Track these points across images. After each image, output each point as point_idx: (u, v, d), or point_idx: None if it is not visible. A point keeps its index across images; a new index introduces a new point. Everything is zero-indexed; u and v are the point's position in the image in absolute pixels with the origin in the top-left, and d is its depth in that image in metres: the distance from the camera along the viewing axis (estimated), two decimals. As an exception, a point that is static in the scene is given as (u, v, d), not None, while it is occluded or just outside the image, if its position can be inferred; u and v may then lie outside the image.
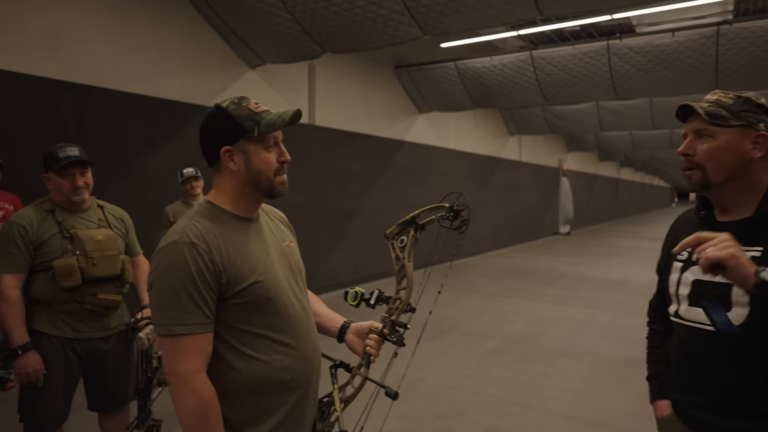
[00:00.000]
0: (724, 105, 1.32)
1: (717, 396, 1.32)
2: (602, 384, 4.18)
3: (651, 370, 1.62)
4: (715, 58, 6.89)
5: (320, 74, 7.46)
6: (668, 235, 1.59)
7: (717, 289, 1.30)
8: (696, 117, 1.35)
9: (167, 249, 1.24)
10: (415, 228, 1.66)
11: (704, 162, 1.33)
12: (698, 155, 1.34)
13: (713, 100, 1.35)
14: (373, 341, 1.56)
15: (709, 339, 1.32)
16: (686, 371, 1.41)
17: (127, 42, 5.03)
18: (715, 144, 1.31)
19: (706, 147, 1.32)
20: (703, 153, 1.33)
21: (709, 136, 1.32)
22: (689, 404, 1.40)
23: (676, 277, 1.44)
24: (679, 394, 1.44)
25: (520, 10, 4.71)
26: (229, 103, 1.34)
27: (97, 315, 2.30)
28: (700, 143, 1.34)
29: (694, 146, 1.35)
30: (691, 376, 1.39)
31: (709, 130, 1.32)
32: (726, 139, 1.30)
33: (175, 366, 1.22)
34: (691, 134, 1.36)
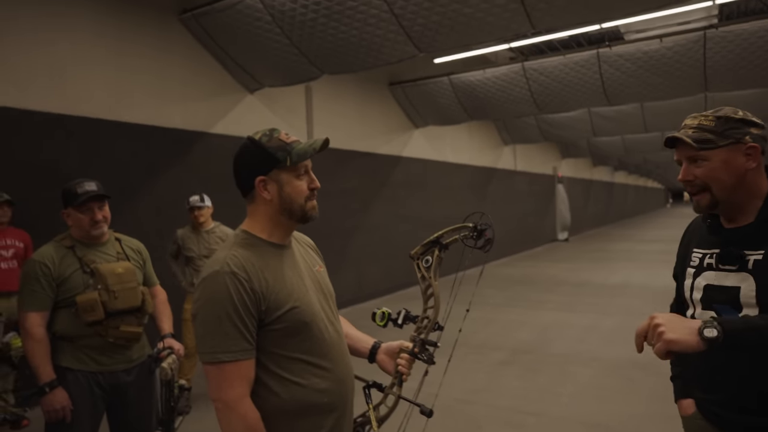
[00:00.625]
0: (707, 128, 1.38)
1: (735, 393, 1.37)
2: (613, 388, 4.20)
3: (674, 371, 1.69)
4: (703, 62, 7.03)
5: (317, 95, 7.55)
6: (682, 241, 1.65)
7: (726, 293, 1.37)
8: (685, 145, 1.40)
9: (209, 279, 1.29)
10: (440, 248, 1.71)
11: (708, 183, 1.38)
12: (698, 179, 1.39)
13: (695, 125, 1.40)
14: (404, 360, 1.60)
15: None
16: (708, 373, 1.46)
17: (127, 72, 5.09)
18: (711, 166, 1.37)
19: (704, 170, 1.38)
20: (703, 176, 1.39)
21: (703, 160, 1.38)
22: (711, 402, 1.45)
23: (689, 283, 1.50)
24: (701, 393, 1.50)
25: (514, 24, 4.82)
26: (262, 135, 1.40)
27: (120, 347, 2.32)
28: (696, 168, 1.40)
29: (692, 172, 1.40)
30: (712, 377, 1.44)
31: (701, 155, 1.38)
32: (719, 159, 1.36)
33: (222, 392, 1.26)
34: (686, 161, 1.42)
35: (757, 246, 1.35)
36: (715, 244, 1.45)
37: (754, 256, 1.34)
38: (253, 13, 5.10)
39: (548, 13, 4.62)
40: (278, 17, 5.09)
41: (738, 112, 1.40)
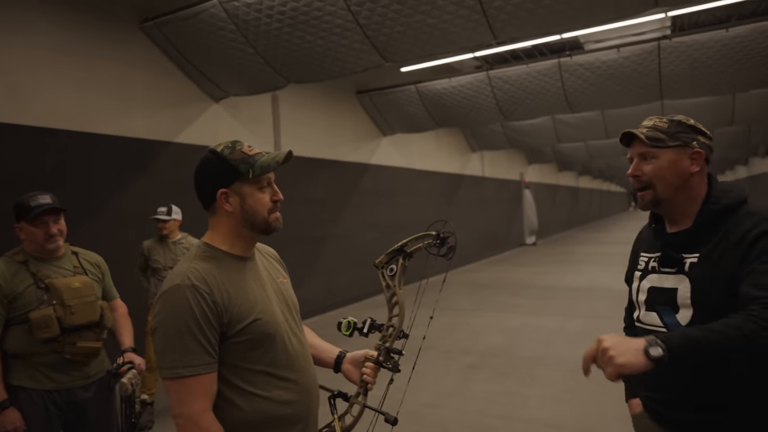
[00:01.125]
0: (660, 129, 1.47)
1: (677, 392, 1.44)
2: (579, 391, 4.30)
3: None
4: (658, 71, 7.32)
5: (283, 103, 7.52)
6: (633, 247, 1.73)
7: (666, 295, 1.45)
8: (638, 142, 1.49)
9: (170, 293, 1.28)
10: (404, 256, 1.73)
11: (653, 181, 1.47)
12: (646, 175, 1.48)
13: (650, 125, 1.50)
14: (369, 369, 1.60)
15: None
16: (650, 372, 1.49)
17: (88, 82, 4.97)
18: (658, 164, 1.46)
19: (652, 167, 1.47)
20: (650, 173, 1.48)
21: (652, 158, 1.47)
22: (654, 401, 1.52)
23: (636, 285, 1.58)
24: (646, 392, 1.57)
25: (476, 35, 4.91)
26: (224, 148, 1.40)
27: (77, 363, 2.25)
28: (645, 165, 1.48)
29: (641, 168, 1.49)
30: (653, 375, 1.47)
31: (651, 152, 1.47)
32: (667, 158, 1.46)
33: (183, 407, 1.24)
34: (636, 158, 1.51)
35: (693, 249, 1.43)
36: (659, 248, 1.53)
37: (690, 258, 1.42)
38: (217, 22, 5.05)
39: (509, 24, 4.73)
40: (242, 26, 5.06)
41: (690, 120, 1.50)
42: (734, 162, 24.35)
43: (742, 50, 6.67)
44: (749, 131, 13.60)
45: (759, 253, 1.29)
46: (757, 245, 1.30)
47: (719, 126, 11.14)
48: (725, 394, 1.36)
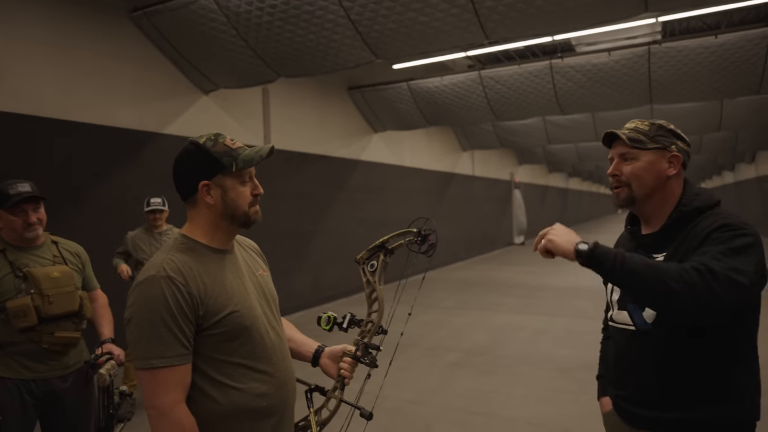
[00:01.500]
0: (641, 131, 1.52)
1: (640, 390, 1.49)
2: (562, 390, 4.33)
3: (599, 371, 1.82)
4: (648, 75, 7.38)
5: (274, 98, 7.48)
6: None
7: None
8: (620, 142, 1.53)
9: (145, 284, 1.27)
10: (385, 253, 1.73)
11: (630, 180, 1.51)
12: (624, 175, 1.52)
13: (632, 127, 1.54)
14: (346, 364, 1.61)
15: (632, 338, 1.50)
16: (617, 368, 1.59)
17: (74, 71, 4.91)
18: (637, 164, 1.50)
19: (630, 167, 1.51)
20: (629, 173, 1.52)
21: (632, 158, 1.51)
22: (620, 398, 1.56)
23: (610, 286, 1.63)
24: (614, 389, 1.61)
25: (468, 34, 4.92)
26: (206, 140, 1.39)
27: (55, 353, 2.23)
28: (625, 165, 1.52)
29: (621, 168, 1.53)
30: (621, 373, 1.57)
31: (632, 153, 1.51)
32: (646, 160, 1.50)
33: (156, 399, 1.24)
34: (617, 158, 1.55)
35: (662, 249, 1.47)
36: (632, 250, 1.56)
37: (658, 257, 1.46)
38: (207, 13, 5.01)
39: (501, 24, 4.74)
40: (233, 18, 5.02)
41: (670, 125, 1.54)
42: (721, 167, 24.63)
43: (730, 57, 6.75)
44: (736, 138, 13.76)
45: (708, 240, 1.34)
46: (710, 235, 1.35)
47: (707, 132, 11.26)
48: (683, 392, 1.40)
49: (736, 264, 1.25)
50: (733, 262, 1.25)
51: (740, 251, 1.28)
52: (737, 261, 1.26)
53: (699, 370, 1.38)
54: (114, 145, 5.25)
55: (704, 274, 1.23)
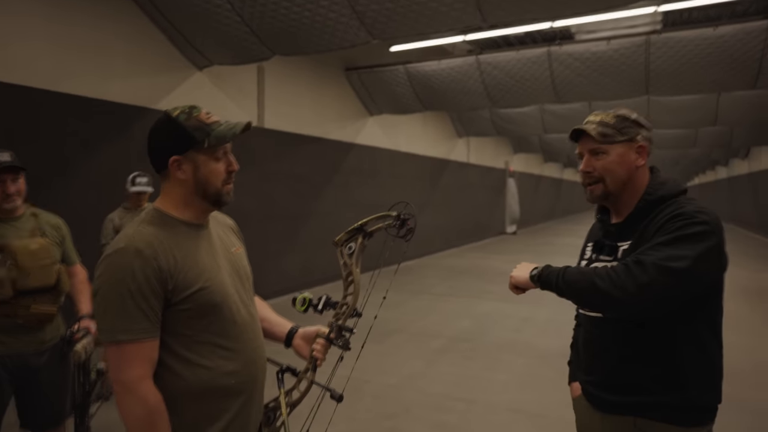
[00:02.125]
0: (608, 124, 1.50)
1: (607, 375, 1.51)
2: (543, 377, 4.37)
3: (570, 357, 1.84)
4: (646, 65, 7.33)
5: (269, 76, 7.39)
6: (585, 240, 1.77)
7: None
8: (588, 138, 1.51)
9: (114, 256, 1.25)
10: (364, 235, 1.71)
11: (603, 175, 1.51)
12: (597, 170, 1.51)
13: (598, 120, 1.52)
14: (319, 345, 1.60)
15: (599, 325, 1.53)
16: (586, 354, 1.61)
17: (65, 42, 4.81)
18: (609, 159, 1.50)
19: (603, 163, 1.50)
20: (601, 168, 1.51)
21: (602, 153, 1.50)
22: (588, 383, 1.59)
23: None
24: (583, 375, 1.63)
25: (465, 16, 4.85)
26: (180, 113, 1.36)
27: (30, 329, 2.21)
28: (596, 160, 1.51)
29: (592, 164, 1.52)
30: (589, 358, 1.59)
31: (602, 148, 1.50)
32: (616, 153, 1.49)
33: (121, 373, 1.22)
34: (587, 153, 1.53)
35: (627, 237, 1.48)
36: (600, 239, 1.58)
37: (624, 246, 1.47)
38: (201, -14, 4.91)
39: (499, 7, 4.68)
40: (227, -7, 4.92)
41: (633, 114, 1.53)
42: (715, 162, 24.69)
43: (728, 50, 6.70)
44: (731, 133, 13.76)
45: (659, 230, 1.36)
46: (663, 226, 1.36)
47: (703, 125, 11.24)
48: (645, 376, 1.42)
49: (674, 252, 1.28)
50: (671, 251, 1.28)
51: (685, 239, 1.30)
52: (677, 248, 1.28)
53: (659, 355, 1.41)
54: (105, 119, 5.17)
55: (630, 267, 1.29)
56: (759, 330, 5.87)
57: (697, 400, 1.39)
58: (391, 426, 3.49)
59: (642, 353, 1.42)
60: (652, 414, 1.41)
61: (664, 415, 1.39)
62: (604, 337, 1.51)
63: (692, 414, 1.40)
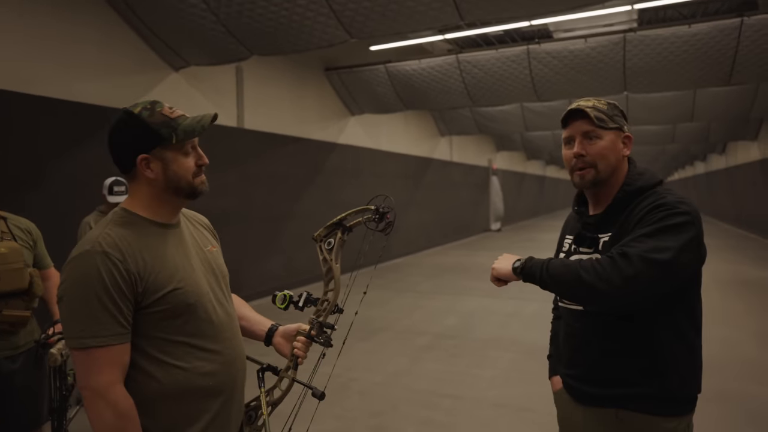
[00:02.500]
0: (601, 110, 1.48)
1: (589, 368, 1.50)
2: (529, 372, 4.40)
3: (550, 350, 1.83)
4: (623, 63, 7.43)
5: (248, 77, 7.33)
6: (561, 232, 1.78)
7: None
8: (583, 120, 1.47)
9: (78, 259, 1.21)
10: (343, 230, 1.69)
11: (596, 160, 1.47)
12: (590, 155, 1.47)
13: (591, 105, 1.48)
14: (300, 343, 1.57)
15: (581, 318, 1.51)
16: (567, 347, 1.60)
17: (35, 42, 4.71)
18: (602, 144, 1.46)
19: (596, 147, 1.47)
20: (595, 152, 1.47)
21: (596, 137, 1.47)
22: (570, 377, 1.58)
23: None
24: (564, 369, 1.62)
25: (443, 15, 4.86)
26: (142, 109, 1.31)
27: (3, 333, 2.16)
28: (589, 144, 1.47)
29: (585, 147, 1.48)
30: (570, 352, 1.58)
31: (596, 132, 1.47)
32: (609, 139, 1.47)
33: (90, 379, 1.18)
34: (579, 136, 1.48)
35: (607, 228, 1.47)
36: (579, 230, 1.56)
37: (604, 237, 1.46)
38: (176, -15, 4.85)
39: (476, 5, 4.70)
40: (203, -8, 4.87)
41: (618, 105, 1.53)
42: (693, 158, 25.16)
43: (703, 47, 6.83)
44: (708, 128, 14.03)
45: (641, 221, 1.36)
46: (644, 217, 1.36)
47: (680, 121, 11.45)
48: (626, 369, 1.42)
49: (658, 243, 1.27)
50: (655, 242, 1.28)
51: (667, 230, 1.30)
52: (661, 240, 1.28)
53: (640, 347, 1.41)
54: (77, 121, 5.07)
55: (615, 259, 1.28)
56: (738, 322, 5.98)
57: (678, 390, 1.40)
58: (377, 423, 3.48)
59: (623, 346, 1.42)
60: (634, 405, 1.41)
61: (645, 406, 1.40)
62: (585, 330, 1.50)
63: (673, 404, 1.41)
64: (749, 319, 6.13)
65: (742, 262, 10.66)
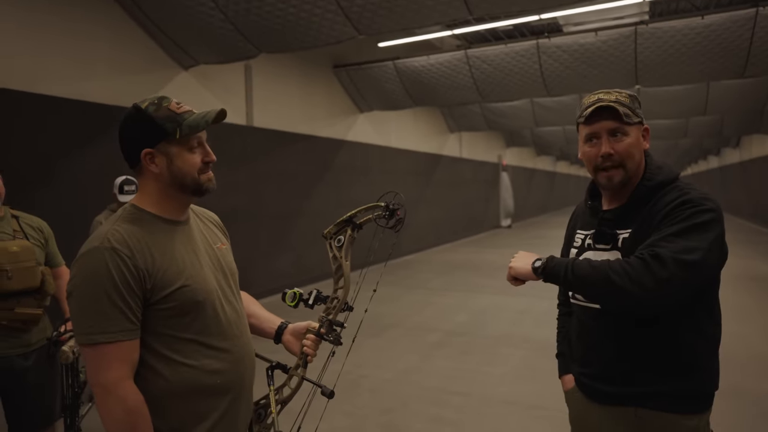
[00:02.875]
0: (625, 104, 1.40)
1: (605, 367, 1.47)
2: (540, 369, 4.37)
3: (559, 349, 1.78)
4: (635, 56, 7.33)
5: (257, 75, 7.34)
6: (568, 225, 1.73)
7: None
8: (609, 116, 1.39)
9: (88, 255, 1.21)
10: (353, 227, 1.68)
11: (625, 159, 1.40)
12: (618, 153, 1.40)
13: (614, 99, 1.41)
14: (310, 341, 1.57)
15: (597, 317, 1.47)
16: (581, 345, 1.56)
17: (45, 41, 4.74)
18: (629, 141, 1.40)
19: (623, 145, 1.40)
20: (623, 150, 1.39)
21: (622, 134, 1.40)
22: (584, 375, 1.54)
23: None
24: (577, 367, 1.59)
25: (452, 10, 4.83)
26: (149, 104, 1.31)
27: (15, 331, 2.17)
28: (616, 142, 1.40)
29: (612, 146, 1.40)
30: (584, 350, 1.54)
31: (623, 129, 1.40)
32: (635, 135, 1.41)
33: (99, 375, 1.18)
34: (606, 134, 1.41)
35: (626, 225, 1.42)
36: (594, 225, 1.52)
37: (623, 234, 1.42)
38: (185, -16, 4.86)
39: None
40: (211, -10, 4.87)
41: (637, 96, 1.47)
42: (707, 152, 24.84)
43: (716, 39, 6.71)
44: (722, 122, 13.83)
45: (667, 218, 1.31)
46: (670, 213, 1.31)
47: (693, 115, 11.29)
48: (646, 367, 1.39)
49: (688, 243, 1.23)
50: (686, 242, 1.24)
51: (696, 228, 1.26)
52: (691, 239, 1.24)
53: (660, 345, 1.38)
54: (87, 121, 5.10)
55: (648, 261, 1.23)
56: (753, 317, 5.90)
57: (698, 387, 1.38)
58: (388, 420, 3.47)
59: (643, 343, 1.39)
60: (654, 404, 1.38)
61: (665, 405, 1.37)
62: (601, 329, 1.46)
63: (694, 401, 1.38)
64: (761, 315, 6.04)
65: (755, 257, 10.51)
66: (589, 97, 1.47)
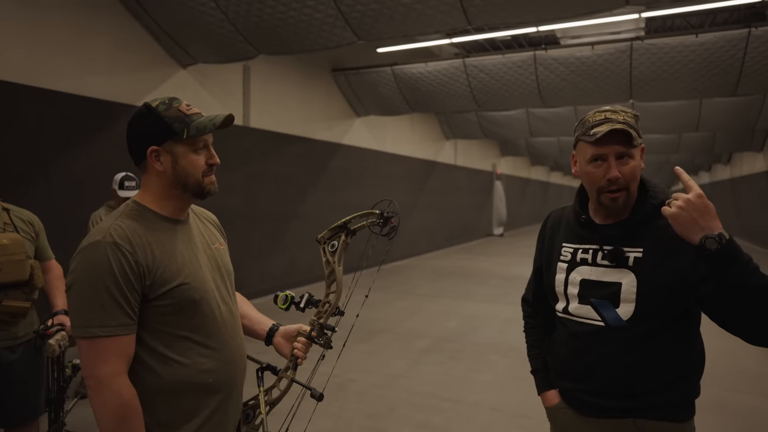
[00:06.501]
0: (631, 125, 1.37)
1: (607, 382, 1.44)
2: (526, 378, 4.37)
3: (535, 364, 1.71)
4: (630, 71, 7.43)
5: (255, 76, 7.35)
6: (543, 234, 1.68)
7: (606, 288, 1.43)
8: (618, 139, 1.34)
9: (89, 249, 1.22)
10: (347, 233, 1.69)
11: (629, 182, 1.37)
12: (624, 176, 1.36)
13: (621, 119, 1.36)
14: (300, 344, 1.58)
15: (600, 333, 1.43)
16: (579, 363, 1.50)
17: (44, 36, 4.74)
18: (634, 164, 1.37)
19: (629, 168, 1.36)
20: (628, 173, 1.36)
21: (629, 157, 1.36)
22: (580, 391, 1.49)
23: (562, 278, 1.52)
24: (570, 384, 1.53)
25: (451, 19, 4.87)
26: (159, 103, 1.34)
27: (2, 323, 2.17)
28: (621, 164, 1.36)
29: (619, 169, 1.36)
30: (584, 367, 1.49)
31: (630, 152, 1.36)
32: (638, 157, 1.38)
33: (95, 369, 1.19)
34: (613, 157, 1.36)
35: (635, 243, 1.40)
36: (590, 240, 1.48)
37: (634, 253, 1.39)
38: (186, -17, 4.87)
39: (484, 10, 4.70)
40: (213, -10, 4.89)
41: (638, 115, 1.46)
42: (698, 168, 25.09)
43: (710, 57, 6.82)
44: (714, 139, 13.99)
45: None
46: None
47: (685, 131, 11.42)
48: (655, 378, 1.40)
49: None
50: None
51: None
52: None
53: (667, 356, 1.39)
54: (86, 116, 5.09)
55: None
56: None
57: (692, 394, 1.42)
58: (374, 425, 3.48)
59: (648, 357, 1.38)
60: (654, 414, 1.39)
61: (665, 414, 1.39)
62: (607, 345, 1.42)
63: (690, 408, 1.43)
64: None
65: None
66: (594, 114, 1.41)
